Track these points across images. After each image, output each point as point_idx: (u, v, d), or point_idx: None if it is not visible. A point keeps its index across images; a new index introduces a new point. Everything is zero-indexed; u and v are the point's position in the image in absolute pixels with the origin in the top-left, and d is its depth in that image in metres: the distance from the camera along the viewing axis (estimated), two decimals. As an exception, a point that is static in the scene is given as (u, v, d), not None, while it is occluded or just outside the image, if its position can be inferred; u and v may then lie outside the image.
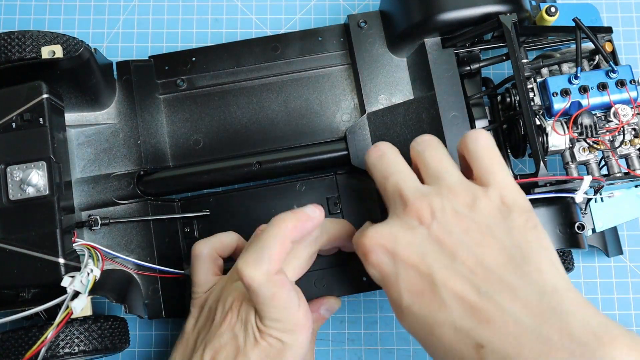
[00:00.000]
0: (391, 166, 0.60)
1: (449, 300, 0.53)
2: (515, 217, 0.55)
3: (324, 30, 0.76)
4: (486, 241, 0.54)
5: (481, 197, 0.56)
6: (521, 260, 0.53)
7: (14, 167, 0.63)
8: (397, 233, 0.56)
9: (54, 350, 0.61)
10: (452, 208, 0.55)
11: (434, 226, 0.55)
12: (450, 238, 0.54)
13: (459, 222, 0.55)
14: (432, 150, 0.60)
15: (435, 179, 0.58)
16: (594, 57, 0.68)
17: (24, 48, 0.65)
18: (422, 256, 0.54)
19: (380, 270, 0.56)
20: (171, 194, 0.74)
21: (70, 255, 0.64)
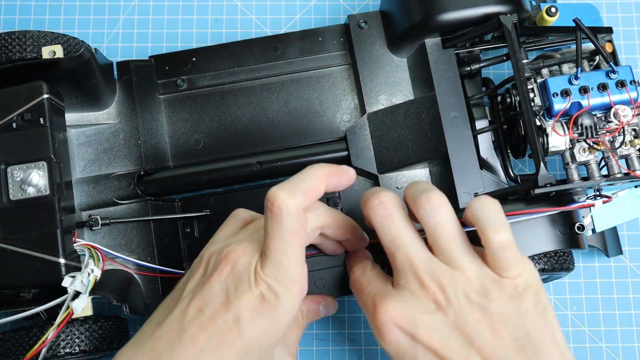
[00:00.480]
0: (402, 235, 0.58)
1: None
2: (526, 303, 0.56)
3: (324, 31, 0.76)
4: (499, 331, 0.55)
5: (494, 287, 0.56)
6: (532, 352, 0.54)
7: (15, 167, 0.63)
8: (416, 314, 0.55)
9: (54, 350, 0.61)
10: (465, 295, 0.55)
11: (450, 313, 0.55)
12: (465, 326, 0.55)
13: (473, 311, 0.55)
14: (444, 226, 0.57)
15: (446, 259, 0.57)
16: (594, 57, 0.68)
17: (25, 48, 0.65)
18: (441, 341, 0.54)
19: (397, 349, 0.56)
20: (171, 194, 0.74)
21: (71, 255, 0.64)
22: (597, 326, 0.78)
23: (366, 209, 0.59)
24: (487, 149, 0.70)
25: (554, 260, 0.66)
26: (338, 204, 0.72)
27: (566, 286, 0.79)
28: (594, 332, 0.77)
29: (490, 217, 0.56)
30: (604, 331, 0.78)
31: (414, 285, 0.56)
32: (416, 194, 0.58)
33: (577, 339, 0.77)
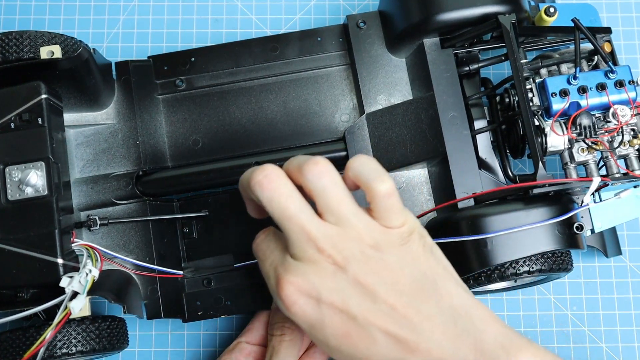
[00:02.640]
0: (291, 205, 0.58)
1: (377, 337, 0.56)
2: (415, 247, 0.58)
3: (323, 31, 0.76)
4: (398, 277, 0.57)
5: (383, 238, 0.58)
6: (431, 289, 0.57)
7: (13, 167, 0.63)
8: (317, 281, 0.56)
9: (51, 350, 0.60)
10: (360, 251, 0.57)
11: (350, 271, 0.56)
12: (367, 280, 0.56)
13: (370, 264, 0.57)
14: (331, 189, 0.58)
15: (338, 220, 0.58)
16: (592, 57, 0.68)
17: (22, 48, 0.65)
18: (345, 301, 0.56)
19: (305, 318, 0.57)
20: (170, 194, 0.74)
21: (69, 255, 0.63)
22: (597, 326, 0.78)
23: (251, 185, 0.59)
24: (485, 149, 0.70)
25: (552, 260, 0.66)
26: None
27: (566, 286, 0.79)
28: (594, 332, 0.77)
29: (372, 169, 0.58)
30: (604, 331, 0.77)
31: (311, 252, 0.57)
32: (301, 162, 0.59)
33: (577, 339, 0.77)
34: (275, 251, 0.61)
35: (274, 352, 0.66)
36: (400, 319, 0.56)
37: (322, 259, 0.57)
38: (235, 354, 0.70)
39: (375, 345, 0.56)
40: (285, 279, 0.57)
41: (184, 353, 0.77)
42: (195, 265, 0.72)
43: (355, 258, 0.56)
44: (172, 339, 0.77)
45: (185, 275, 0.71)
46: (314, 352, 0.70)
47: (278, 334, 0.67)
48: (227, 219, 0.73)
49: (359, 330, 0.56)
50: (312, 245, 0.57)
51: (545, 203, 0.65)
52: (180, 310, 0.71)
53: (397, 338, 0.56)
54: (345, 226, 0.57)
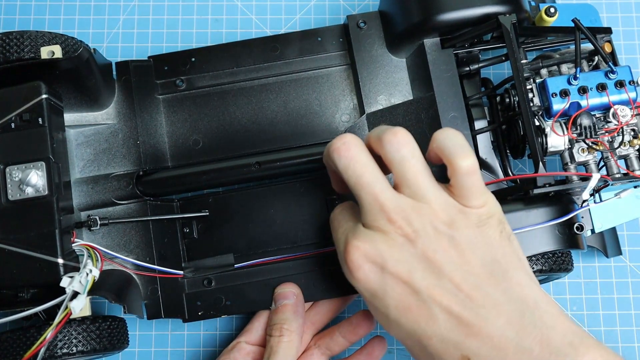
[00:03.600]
0: (367, 174, 0.59)
1: (438, 315, 0.55)
2: (491, 231, 0.57)
3: (323, 31, 0.76)
4: (468, 258, 0.56)
5: (460, 217, 0.57)
6: (502, 276, 0.56)
7: (13, 167, 0.63)
8: (385, 250, 0.57)
9: (52, 350, 0.61)
10: (433, 227, 0.56)
11: (419, 244, 0.56)
12: (435, 256, 0.56)
13: (441, 241, 0.56)
14: (410, 159, 0.58)
15: (413, 193, 0.57)
16: (593, 57, 0.68)
17: (22, 48, 0.65)
18: (410, 273, 0.56)
19: (368, 285, 0.58)
20: (170, 194, 0.73)
21: (69, 255, 0.64)
22: (597, 326, 0.78)
23: (329, 152, 0.60)
24: (486, 149, 0.70)
25: (552, 260, 0.66)
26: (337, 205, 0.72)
27: (566, 286, 0.79)
28: (594, 332, 0.77)
29: (457, 144, 0.57)
30: (604, 331, 0.77)
31: (382, 221, 0.57)
32: (380, 132, 0.59)
33: (577, 340, 0.77)
34: (349, 220, 0.61)
35: (272, 352, 0.66)
36: (465, 299, 0.55)
37: (392, 229, 0.57)
38: (234, 354, 0.70)
39: (435, 323, 0.55)
40: (352, 243, 0.58)
41: (184, 353, 0.77)
42: (195, 265, 0.72)
43: (426, 232, 0.56)
44: (172, 339, 0.77)
45: (185, 275, 0.71)
46: (311, 354, 0.70)
47: (277, 334, 0.67)
48: (227, 219, 0.73)
49: (420, 305, 0.55)
50: (384, 215, 0.57)
51: (545, 204, 0.66)
52: (180, 310, 0.70)
53: (459, 319, 0.54)
54: (420, 199, 0.57)
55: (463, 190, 0.57)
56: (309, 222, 0.73)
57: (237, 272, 0.72)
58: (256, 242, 0.73)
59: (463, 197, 0.57)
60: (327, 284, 0.71)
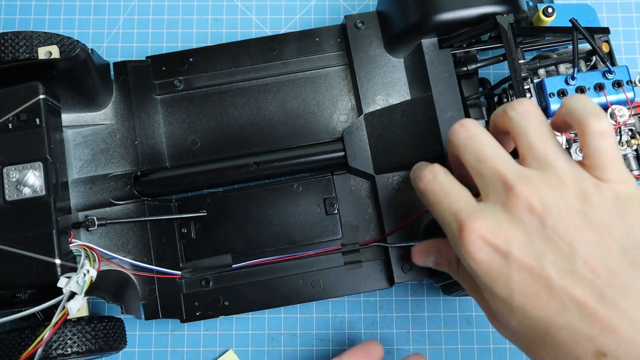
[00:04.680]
0: (486, 148, 0.53)
1: (568, 305, 0.48)
2: (632, 213, 0.50)
3: (321, 31, 0.76)
4: (604, 240, 0.49)
5: (593, 190, 0.50)
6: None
7: (11, 167, 0.63)
8: (509, 230, 0.50)
9: (46, 351, 0.60)
10: (563, 201, 0.50)
11: (549, 221, 0.49)
12: (568, 234, 0.49)
13: (573, 217, 0.49)
14: (537, 125, 0.53)
15: (541, 164, 0.51)
16: (590, 57, 0.68)
17: (17, 49, 0.65)
18: (538, 257, 0.49)
19: (489, 269, 0.51)
20: (168, 194, 0.74)
21: (67, 256, 0.64)
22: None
23: (449, 136, 0.56)
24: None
25: None
26: (335, 205, 0.72)
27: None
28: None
29: (588, 105, 0.52)
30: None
31: (504, 196, 0.51)
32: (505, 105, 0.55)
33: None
34: (453, 194, 0.54)
35: None
36: (602, 288, 0.48)
37: (517, 204, 0.50)
38: None
39: (567, 313, 0.48)
40: (472, 223, 0.51)
41: (184, 353, 0.77)
42: (193, 265, 0.72)
43: (557, 207, 0.49)
44: (172, 339, 0.77)
45: (183, 275, 0.71)
46: None
47: None
48: (225, 219, 0.73)
49: (549, 293, 0.49)
50: (507, 190, 0.51)
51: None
52: (178, 310, 0.71)
53: (593, 311, 0.47)
54: (548, 170, 0.51)
55: (596, 158, 0.51)
56: (307, 222, 0.73)
57: (235, 273, 0.72)
58: (254, 243, 0.73)
59: (597, 167, 0.51)
60: (326, 285, 0.71)
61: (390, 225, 0.70)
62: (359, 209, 0.72)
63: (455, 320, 0.77)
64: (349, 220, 0.72)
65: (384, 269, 0.71)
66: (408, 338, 0.77)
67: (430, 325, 0.77)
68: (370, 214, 0.72)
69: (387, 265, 0.70)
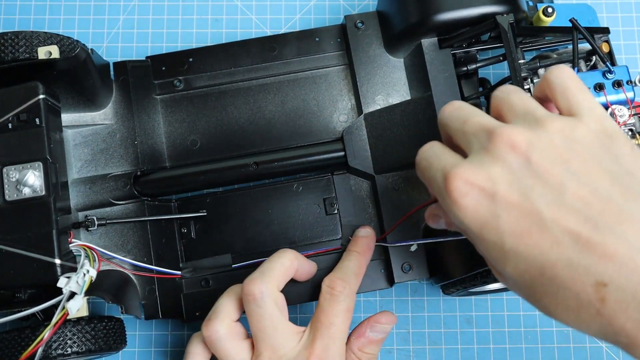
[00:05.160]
0: (470, 111, 0.54)
1: (562, 237, 0.46)
2: (619, 144, 0.49)
3: (321, 31, 0.76)
4: (594, 170, 0.48)
5: (576, 125, 0.50)
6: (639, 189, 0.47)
7: (10, 167, 0.63)
8: (492, 169, 0.49)
9: (46, 351, 0.60)
10: (548, 138, 0.49)
11: (533, 158, 0.48)
12: (554, 169, 0.48)
13: (558, 152, 0.48)
14: (518, 93, 0.53)
15: (522, 116, 0.51)
16: (590, 57, 0.68)
17: (17, 49, 0.65)
18: (525, 193, 0.48)
19: (476, 214, 0.49)
20: (168, 194, 0.74)
21: (67, 256, 0.64)
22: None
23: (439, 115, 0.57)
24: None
25: None
26: (334, 205, 0.72)
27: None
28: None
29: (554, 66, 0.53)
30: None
31: (486, 141, 0.50)
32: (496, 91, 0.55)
33: (577, 339, 0.77)
34: (445, 156, 0.54)
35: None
36: (594, 216, 0.46)
37: (499, 145, 0.49)
38: None
39: (560, 246, 0.46)
40: (453, 172, 0.50)
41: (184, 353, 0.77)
42: (193, 265, 0.72)
43: (541, 143, 0.48)
44: (172, 339, 0.77)
45: (183, 275, 0.71)
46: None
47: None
48: (225, 219, 0.73)
49: (541, 228, 0.47)
50: (489, 135, 0.50)
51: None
52: (178, 310, 0.71)
53: (589, 241, 0.46)
54: (528, 118, 0.51)
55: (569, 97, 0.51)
56: (307, 222, 0.73)
57: (235, 273, 0.72)
58: (254, 242, 0.73)
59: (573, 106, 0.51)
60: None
61: (390, 225, 0.70)
62: (359, 209, 0.72)
63: (455, 320, 0.77)
64: (349, 220, 0.72)
65: (384, 269, 0.71)
66: (408, 338, 0.77)
67: (430, 325, 0.77)
68: (370, 214, 0.72)
69: (387, 265, 0.70)
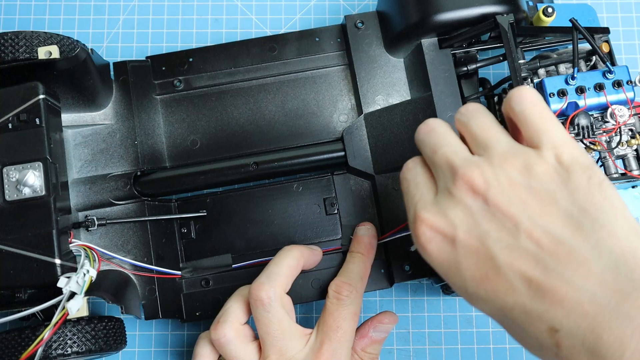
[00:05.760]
0: (440, 139, 0.54)
1: (516, 282, 0.47)
2: (575, 177, 0.49)
3: (321, 31, 0.76)
4: (548, 209, 0.48)
5: (535, 160, 0.50)
6: (590, 227, 0.47)
7: (10, 167, 0.63)
8: (453, 216, 0.50)
9: (46, 351, 0.60)
10: (506, 176, 0.49)
11: (490, 197, 0.49)
12: (510, 209, 0.48)
13: (515, 192, 0.49)
14: (479, 118, 0.54)
15: (484, 149, 0.52)
16: (590, 57, 0.68)
17: (17, 49, 0.65)
18: (482, 238, 0.49)
19: (440, 259, 0.51)
20: (168, 194, 0.74)
21: (67, 256, 0.64)
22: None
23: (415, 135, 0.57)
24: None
25: None
26: (335, 205, 0.72)
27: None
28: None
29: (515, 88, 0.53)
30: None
31: (450, 181, 0.51)
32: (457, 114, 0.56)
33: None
34: (420, 187, 0.55)
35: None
36: (546, 259, 0.46)
37: (460, 187, 0.50)
38: None
39: (515, 292, 0.47)
40: (420, 216, 0.52)
41: (184, 353, 0.77)
42: (193, 265, 0.72)
43: (499, 182, 0.49)
44: (172, 339, 0.77)
45: (183, 275, 0.71)
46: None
47: None
48: (225, 219, 0.73)
49: (496, 273, 0.48)
50: (452, 174, 0.51)
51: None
52: (178, 310, 0.71)
53: (539, 285, 0.46)
54: (490, 152, 0.51)
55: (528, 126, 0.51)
56: (307, 222, 0.73)
57: (235, 273, 0.72)
58: (254, 243, 0.73)
59: (532, 136, 0.51)
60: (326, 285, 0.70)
61: (390, 225, 0.70)
62: (359, 209, 0.72)
63: (455, 320, 0.77)
64: (349, 220, 0.72)
65: (384, 269, 0.71)
66: (408, 338, 0.77)
67: (430, 325, 0.77)
68: (370, 214, 0.72)
69: (387, 265, 0.70)
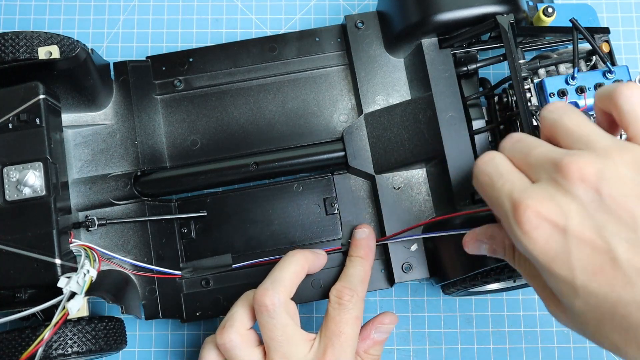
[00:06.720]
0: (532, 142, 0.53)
1: (636, 279, 0.45)
2: None
3: (321, 31, 0.76)
4: None
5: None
6: None
7: (11, 167, 0.63)
8: (563, 202, 0.47)
9: (46, 351, 0.60)
10: (615, 170, 0.47)
11: (603, 189, 0.46)
12: (627, 203, 0.46)
13: (629, 186, 0.46)
14: (571, 114, 0.52)
15: (584, 143, 0.49)
16: (591, 57, 0.68)
17: (18, 49, 0.65)
18: (598, 229, 0.46)
19: (546, 247, 0.48)
20: (168, 194, 0.74)
21: (67, 256, 0.64)
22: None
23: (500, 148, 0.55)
24: (484, 149, 0.70)
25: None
26: (335, 205, 0.72)
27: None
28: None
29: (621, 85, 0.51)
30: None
31: (555, 173, 0.48)
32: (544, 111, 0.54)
33: (577, 339, 0.77)
34: (510, 177, 0.52)
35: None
36: None
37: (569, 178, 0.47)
38: None
39: (633, 288, 0.45)
40: (525, 202, 0.48)
41: (184, 353, 0.77)
42: (193, 265, 0.72)
43: (611, 176, 0.46)
44: (172, 339, 0.77)
45: (183, 275, 0.71)
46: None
47: None
48: (225, 219, 0.73)
49: (614, 267, 0.45)
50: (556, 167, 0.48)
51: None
52: (178, 310, 0.71)
53: None
54: (593, 147, 0.48)
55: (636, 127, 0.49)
56: (307, 222, 0.73)
57: (235, 273, 0.72)
58: (254, 242, 0.73)
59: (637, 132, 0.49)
60: (326, 285, 0.71)
61: (390, 225, 0.70)
62: (359, 209, 0.72)
63: (455, 320, 0.77)
64: (349, 220, 0.72)
65: (384, 269, 0.71)
66: (408, 338, 0.77)
67: (430, 325, 0.77)
68: (370, 214, 0.72)
69: (387, 265, 0.70)
